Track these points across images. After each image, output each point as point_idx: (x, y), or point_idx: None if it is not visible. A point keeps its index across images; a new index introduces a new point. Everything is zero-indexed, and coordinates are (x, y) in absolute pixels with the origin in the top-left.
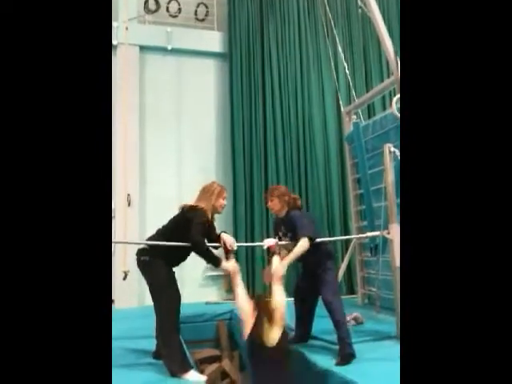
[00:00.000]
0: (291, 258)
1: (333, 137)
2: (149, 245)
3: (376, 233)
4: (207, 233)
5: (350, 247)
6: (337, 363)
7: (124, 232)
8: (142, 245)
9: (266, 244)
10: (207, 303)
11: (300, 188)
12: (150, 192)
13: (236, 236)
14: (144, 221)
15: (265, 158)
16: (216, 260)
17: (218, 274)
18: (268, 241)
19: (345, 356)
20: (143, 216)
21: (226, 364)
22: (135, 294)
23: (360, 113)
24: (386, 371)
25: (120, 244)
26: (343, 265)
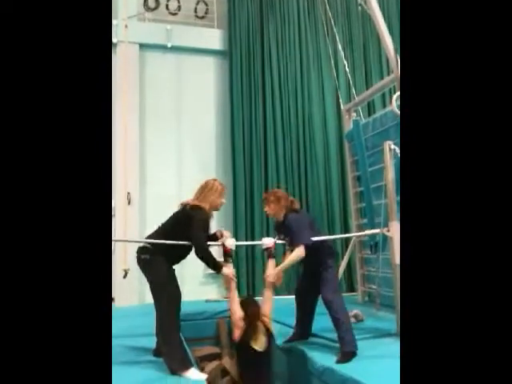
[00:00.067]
0: (285, 265)
1: (333, 134)
2: (149, 243)
3: (376, 230)
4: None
5: (350, 245)
6: (337, 361)
7: (124, 230)
8: (143, 243)
9: (265, 243)
10: (207, 301)
11: (300, 186)
12: (150, 190)
13: (236, 234)
14: (144, 219)
15: (265, 157)
16: (217, 266)
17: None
18: (266, 240)
19: (345, 354)
20: (143, 214)
21: (226, 362)
22: (135, 292)
23: (360, 110)
24: (386, 368)
25: (120, 242)
26: (343, 263)
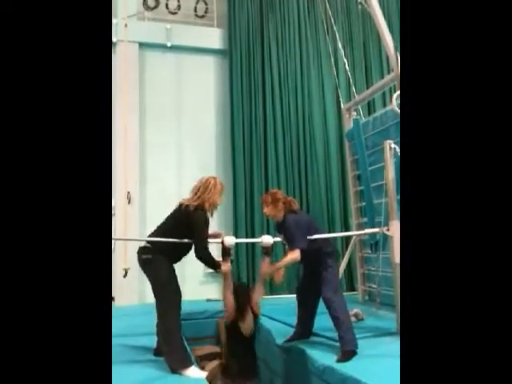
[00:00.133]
0: (279, 265)
1: (333, 133)
2: (150, 243)
3: (375, 229)
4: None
5: (351, 244)
6: (337, 360)
7: (124, 230)
8: (143, 243)
9: (264, 241)
10: (208, 300)
11: (300, 185)
12: (150, 190)
13: (236, 232)
14: (144, 218)
15: (265, 155)
16: (216, 265)
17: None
18: (265, 238)
19: (345, 353)
20: (143, 214)
21: None
22: (135, 292)
23: (360, 109)
24: (387, 367)
25: (120, 242)
26: (344, 262)
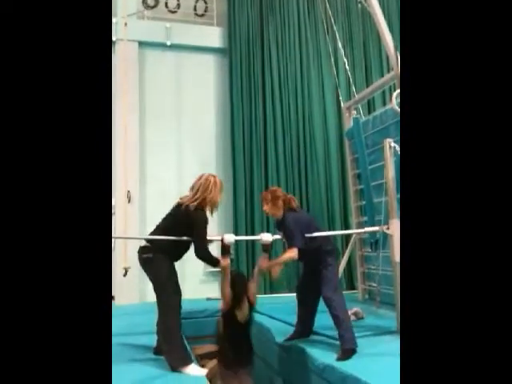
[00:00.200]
0: (277, 262)
1: (333, 132)
2: (151, 242)
3: (375, 228)
4: None
5: (351, 243)
6: (337, 358)
7: (124, 228)
8: (144, 242)
9: (263, 239)
10: (208, 299)
11: (300, 184)
12: (150, 189)
13: (236, 230)
14: (144, 217)
15: (265, 154)
16: (215, 262)
17: (219, 270)
18: (265, 236)
19: (345, 351)
20: (143, 213)
21: None
22: (136, 291)
23: (360, 108)
24: (387, 366)
25: (120, 240)
26: (343, 261)
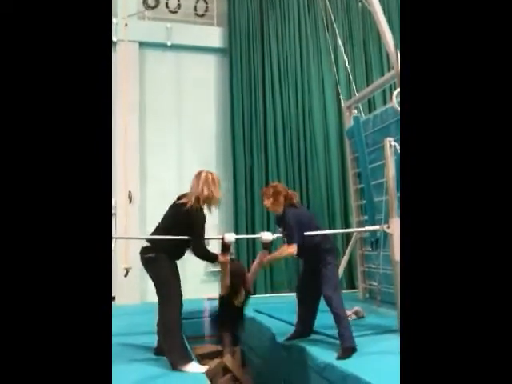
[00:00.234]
0: (275, 256)
1: (333, 131)
2: (152, 242)
3: (375, 227)
4: None
5: (351, 242)
6: (338, 357)
7: (125, 229)
8: (146, 243)
9: (263, 238)
10: (209, 299)
11: (301, 183)
12: (151, 189)
13: (237, 229)
14: (145, 218)
15: (265, 153)
16: (214, 258)
17: (220, 270)
18: (265, 235)
19: (345, 350)
20: (144, 213)
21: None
22: (136, 291)
23: (360, 107)
24: (387, 365)
25: (121, 241)
26: (344, 260)
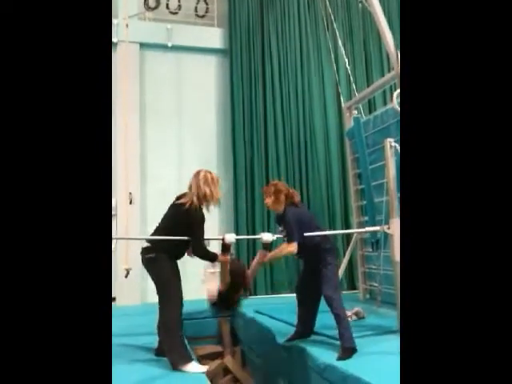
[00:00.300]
0: (275, 254)
1: (333, 132)
2: (152, 242)
3: (376, 228)
4: None
5: (352, 242)
6: (338, 358)
7: (126, 229)
8: (146, 243)
9: (264, 239)
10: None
11: (301, 184)
12: (151, 189)
13: (237, 229)
14: (145, 218)
15: (265, 153)
16: (214, 257)
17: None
18: (265, 236)
19: (345, 350)
20: (144, 213)
21: (228, 360)
22: (137, 292)
23: (361, 108)
24: (388, 365)
25: (122, 242)
26: (345, 260)
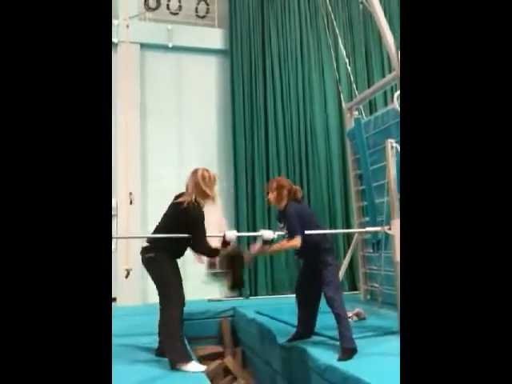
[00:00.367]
0: (277, 247)
1: (334, 133)
2: (152, 242)
3: (377, 228)
4: None
5: (353, 243)
6: (339, 358)
7: (126, 230)
8: (146, 243)
9: (264, 236)
10: (210, 300)
11: (302, 185)
12: (152, 189)
13: (238, 227)
14: (146, 218)
15: (266, 152)
16: (215, 252)
17: (221, 272)
18: (266, 233)
19: (346, 350)
20: (145, 213)
21: (229, 361)
22: (138, 292)
23: (361, 109)
24: (388, 366)
25: (122, 242)
26: (345, 261)
